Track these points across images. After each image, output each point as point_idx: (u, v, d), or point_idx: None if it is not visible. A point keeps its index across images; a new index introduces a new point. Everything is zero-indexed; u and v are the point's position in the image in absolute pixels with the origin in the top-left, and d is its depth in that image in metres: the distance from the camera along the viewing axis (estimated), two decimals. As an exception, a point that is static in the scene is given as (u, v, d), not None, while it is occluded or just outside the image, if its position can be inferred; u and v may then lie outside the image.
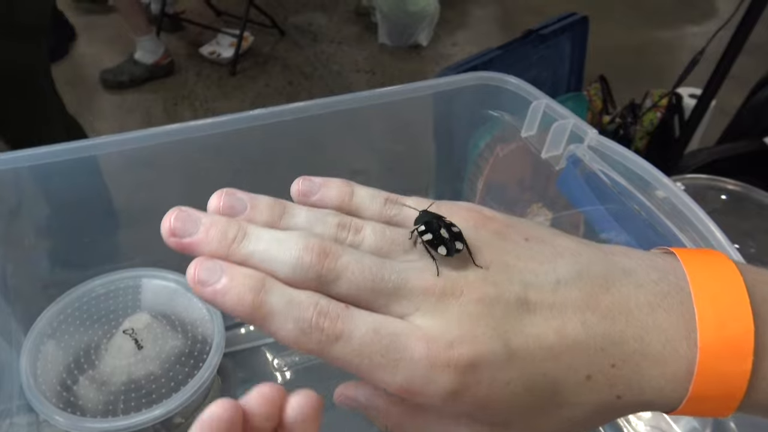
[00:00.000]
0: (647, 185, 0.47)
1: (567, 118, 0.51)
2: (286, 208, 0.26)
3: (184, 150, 0.52)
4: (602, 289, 0.24)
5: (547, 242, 0.26)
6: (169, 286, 0.54)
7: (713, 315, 0.23)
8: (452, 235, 0.25)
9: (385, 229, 0.26)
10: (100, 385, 0.47)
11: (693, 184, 0.99)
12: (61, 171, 0.48)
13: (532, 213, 0.67)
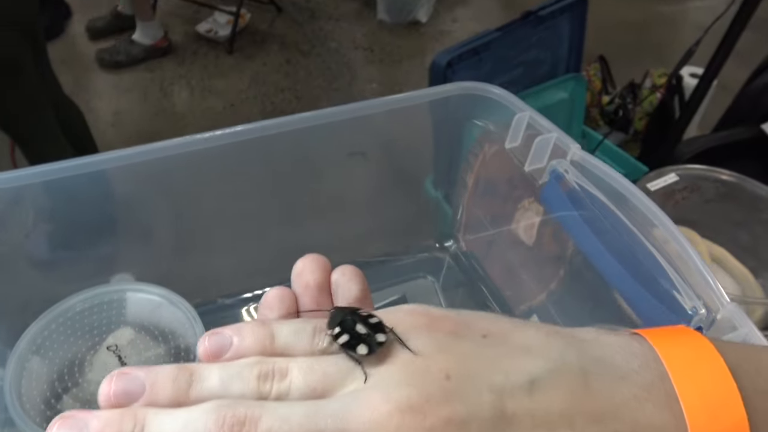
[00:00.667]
0: (627, 202, 0.47)
1: (550, 131, 0.51)
2: (194, 374, 0.22)
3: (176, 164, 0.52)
4: (583, 387, 0.21)
5: (508, 337, 0.23)
6: (153, 300, 0.54)
7: (702, 408, 0.21)
8: (371, 328, 0.22)
9: (314, 363, 0.22)
10: (84, 403, 0.48)
11: (688, 174, 0.98)
12: (54, 187, 0.48)
13: (523, 208, 0.67)
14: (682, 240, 0.42)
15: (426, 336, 0.22)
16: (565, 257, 0.63)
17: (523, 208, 0.67)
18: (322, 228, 0.67)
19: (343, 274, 0.29)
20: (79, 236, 0.54)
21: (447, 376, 0.21)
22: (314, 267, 0.28)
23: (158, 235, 0.59)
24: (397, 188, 0.72)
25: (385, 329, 0.23)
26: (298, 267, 0.28)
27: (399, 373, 0.21)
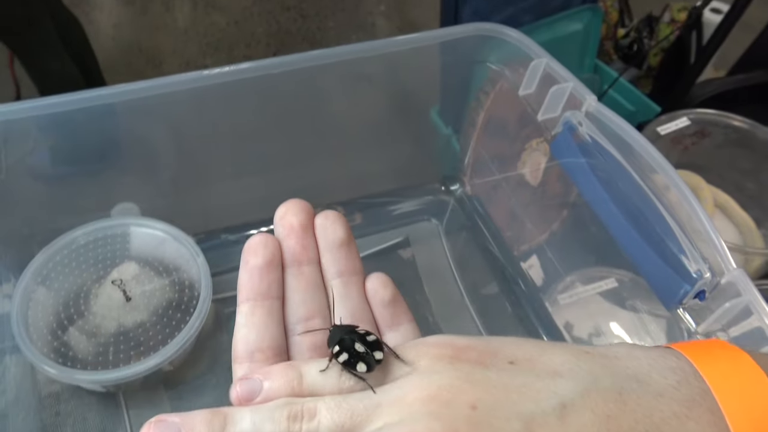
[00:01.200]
0: (641, 159, 0.46)
1: (567, 81, 0.49)
2: (227, 417, 0.23)
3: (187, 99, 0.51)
4: (618, 407, 0.21)
5: (536, 362, 0.23)
6: (157, 235, 0.54)
7: (749, 424, 0.20)
8: (369, 346, 0.23)
9: (341, 401, 0.23)
10: (90, 336, 0.49)
11: (700, 119, 0.96)
12: (62, 118, 0.47)
13: (530, 149, 0.66)
14: (696, 207, 0.41)
15: (451, 367, 0.22)
16: (569, 199, 0.62)
17: (530, 148, 0.66)
18: (326, 166, 0.67)
19: (327, 217, 0.29)
20: (82, 163, 0.53)
21: (473, 407, 0.20)
22: (297, 209, 0.28)
23: (162, 169, 0.59)
24: (403, 122, 0.71)
25: (382, 347, 0.23)
26: (280, 211, 0.28)
27: (425, 407, 0.21)
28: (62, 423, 0.50)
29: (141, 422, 0.50)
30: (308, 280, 0.27)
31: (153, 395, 0.51)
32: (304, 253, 0.27)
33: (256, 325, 0.25)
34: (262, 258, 0.26)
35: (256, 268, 0.26)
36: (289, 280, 0.27)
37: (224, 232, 0.63)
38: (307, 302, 0.27)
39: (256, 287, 0.26)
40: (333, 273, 0.27)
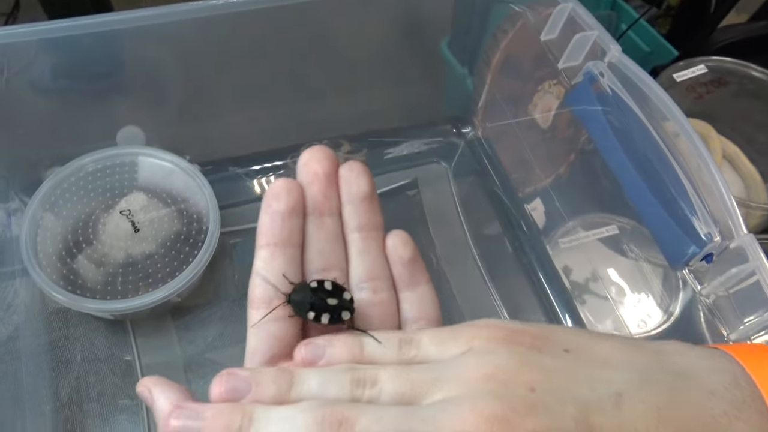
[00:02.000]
0: (661, 116, 0.45)
1: (592, 29, 0.47)
2: (294, 377, 0.23)
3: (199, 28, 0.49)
4: (669, 401, 0.21)
5: (591, 351, 0.23)
6: (165, 166, 0.53)
7: None
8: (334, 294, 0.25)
9: (402, 371, 0.23)
10: (98, 264, 0.49)
11: (718, 67, 0.94)
12: (67, 42, 0.46)
13: (543, 90, 0.65)
14: (717, 178, 0.40)
15: (506, 349, 0.22)
16: (578, 144, 0.62)
17: (543, 90, 0.65)
18: (333, 98, 0.66)
19: (351, 169, 0.28)
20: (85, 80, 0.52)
21: (531, 389, 0.21)
22: (321, 156, 0.27)
23: (168, 96, 0.58)
24: (412, 54, 0.69)
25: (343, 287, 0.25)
26: (304, 157, 0.28)
27: (484, 385, 0.21)
28: (71, 346, 0.51)
29: (148, 349, 0.52)
30: (328, 232, 0.27)
31: (160, 324, 0.52)
32: (326, 204, 0.27)
33: (275, 271, 0.25)
34: (285, 204, 0.26)
35: (279, 213, 0.25)
36: (310, 229, 0.26)
37: (230, 163, 0.62)
38: (325, 253, 0.26)
39: (278, 233, 0.25)
40: (353, 226, 0.27)
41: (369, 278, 0.26)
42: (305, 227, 0.27)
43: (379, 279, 0.27)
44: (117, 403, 0.49)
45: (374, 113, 0.70)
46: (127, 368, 0.51)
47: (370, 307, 0.26)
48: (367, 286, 0.26)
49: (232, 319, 0.54)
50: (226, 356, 0.52)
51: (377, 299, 0.26)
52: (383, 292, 0.26)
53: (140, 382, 0.24)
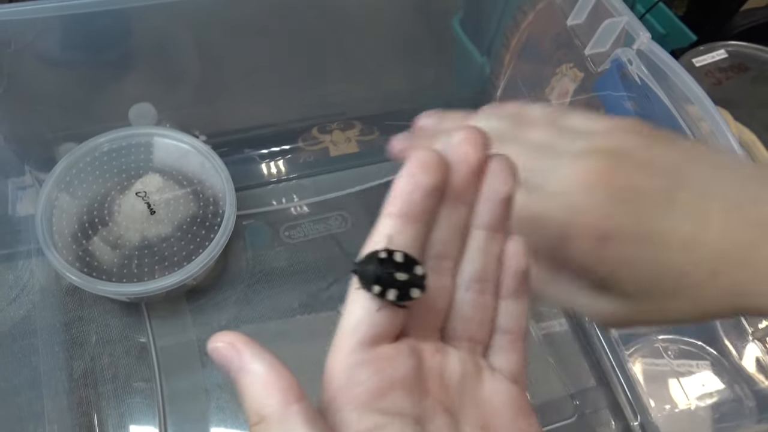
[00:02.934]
0: (688, 104, 0.44)
1: (621, 15, 0.46)
2: None
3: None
4: (751, 202, 0.25)
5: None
6: (180, 147, 0.53)
7: None
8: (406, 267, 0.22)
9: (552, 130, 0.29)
10: (113, 246, 0.49)
11: (738, 52, 0.93)
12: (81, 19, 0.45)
13: (560, 74, 0.64)
14: (728, 133, 0.40)
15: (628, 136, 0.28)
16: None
17: (560, 73, 0.64)
18: (348, 81, 0.65)
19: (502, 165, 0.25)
20: (93, 67, 0.51)
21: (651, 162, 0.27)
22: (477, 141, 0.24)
23: (183, 78, 0.57)
24: (424, 29, 0.67)
25: (416, 260, 0.22)
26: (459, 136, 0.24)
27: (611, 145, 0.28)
28: (85, 327, 0.51)
29: (163, 332, 0.51)
30: (457, 220, 0.25)
31: (175, 307, 0.52)
32: (466, 192, 0.24)
33: (398, 245, 0.23)
34: (432, 179, 0.23)
35: (422, 187, 0.23)
36: (441, 212, 0.24)
37: (241, 144, 0.61)
38: (446, 241, 0.24)
39: (413, 207, 0.23)
40: (482, 223, 0.25)
41: (479, 279, 0.25)
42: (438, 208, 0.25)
43: (488, 282, 0.25)
44: (131, 386, 0.49)
45: (387, 94, 0.69)
46: (142, 350, 0.50)
47: (472, 308, 0.25)
48: (475, 287, 0.25)
49: (247, 302, 0.53)
50: (240, 340, 0.52)
51: (480, 302, 0.25)
52: (488, 296, 0.25)
53: (219, 337, 0.21)
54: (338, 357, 0.22)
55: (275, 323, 0.53)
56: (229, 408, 0.49)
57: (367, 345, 0.22)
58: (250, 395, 0.20)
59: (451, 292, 0.25)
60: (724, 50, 0.93)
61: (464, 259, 0.25)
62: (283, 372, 0.20)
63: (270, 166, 0.62)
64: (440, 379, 0.23)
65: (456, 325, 0.25)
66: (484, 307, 0.25)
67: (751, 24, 1.07)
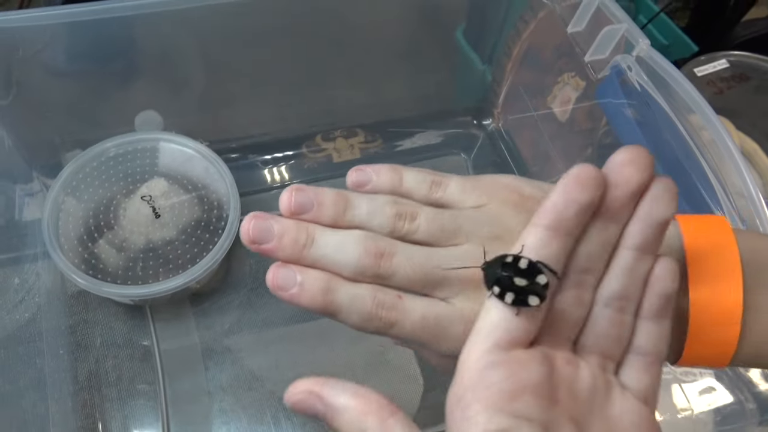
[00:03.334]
0: (689, 112, 0.45)
1: (621, 22, 0.47)
2: (348, 201, 0.28)
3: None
4: None
5: None
6: (185, 152, 0.53)
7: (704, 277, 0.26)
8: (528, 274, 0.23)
9: (436, 214, 0.28)
10: (119, 249, 0.49)
11: (740, 62, 0.93)
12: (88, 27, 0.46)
13: (562, 82, 0.64)
14: (729, 142, 0.40)
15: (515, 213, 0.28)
16: (596, 137, 0.61)
17: (562, 82, 0.64)
18: (351, 89, 0.65)
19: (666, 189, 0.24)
20: (100, 74, 0.52)
21: None
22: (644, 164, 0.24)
23: (188, 86, 0.57)
24: (428, 39, 0.68)
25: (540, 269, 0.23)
26: (626, 155, 0.24)
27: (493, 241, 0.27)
28: (90, 330, 0.52)
29: (166, 335, 0.52)
30: (606, 238, 0.25)
31: (179, 310, 0.52)
32: (621, 214, 0.24)
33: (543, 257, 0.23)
34: (588, 197, 0.23)
35: (576, 203, 0.23)
36: (592, 227, 0.24)
37: (245, 151, 0.62)
38: (593, 257, 0.24)
39: (565, 222, 0.23)
40: (632, 244, 0.25)
41: (621, 297, 0.25)
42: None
43: (630, 301, 0.25)
44: (135, 388, 0.49)
45: (390, 102, 0.70)
46: (146, 353, 0.51)
47: (609, 324, 0.25)
48: (615, 305, 0.25)
49: (249, 306, 0.54)
50: (243, 343, 0.52)
51: (618, 319, 0.25)
52: (627, 315, 0.25)
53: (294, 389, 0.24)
54: (472, 356, 0.23)
55: (278, 327, 0.53)
56: (231, 410, 0.49)
57: (502, 348, 0.22)
58: (347, 428, 0.22)
59: (590, 306, 0.25)
60: (726, 60, 0.93)
61: (608, 276, 0.25)
62: (369, 394, 0.23)
63: (273, 172, 0.63)
64: (570, 390, 0.23)
65: (590, 339, 0.25)
66: (622, 325, 0.25)
67: (753, 34, 1.08)
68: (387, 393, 0.23)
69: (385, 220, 0.27)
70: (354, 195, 0.28)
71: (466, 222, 0.28)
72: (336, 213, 0.28)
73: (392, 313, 0.26)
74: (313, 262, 0.26)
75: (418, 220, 0.28)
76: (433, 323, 0.26)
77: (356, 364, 0.52)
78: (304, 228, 0.27)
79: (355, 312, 0.26)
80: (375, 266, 0.26)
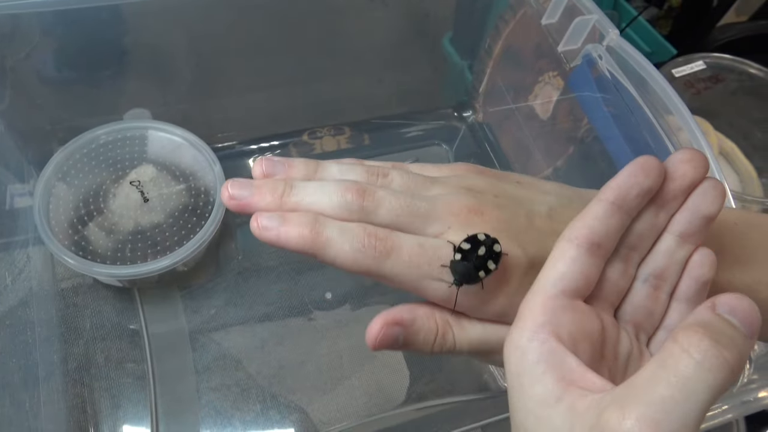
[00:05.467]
0: (656, 98, 0.47)
1: (591, 13, 0.49)
2: (318, 164, 0.29)
3: None
4: None
5: (535, 185, 0.30)
6: (174, 140, 0.55)
7: None
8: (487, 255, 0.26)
9: (407, 173, 0.29)
10: (108, 232, 0.50)
11: (716, 64, 0.96)
12: (76, 16, 0.47)
13: (543, 82, 0.66)
14: (699, 136, 0.42)
15: (478, 177, 0.30)
16: (577, 135, 0.63)
17: (543, 81, 0.66)
18: (337, 84, 0.67)
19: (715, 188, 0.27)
20: (92, 65, 0.54)
21: (496, 196, 0.28)
22: (699, 164, 0.27)
23: (177, 77, 0.59)
24: (416, 47, 0.70)
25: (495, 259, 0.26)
26: (686, 155, 0.27)
27: (466, 192, 0.28)
28: (80, 314, 0.53)
29: (155, 318, 0.53)
30: (655, 224, 0.27)
31: (167, 293, 0.54)
32: (672, 203, 0.27)
33: (609, 223, 0.26)
34: (650, 182, 0.26)
35: (638, 186, 0.26)
36: (645, 212, 0.27)
37: (239, 142, 0.64)
38: (641, 237, 0.27)
39: (626, 200, 0.26)
40: (677, 230, 0.27)
41: (658, 276, 0.27)
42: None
43: (665, 281, 0.27)
44: (124, 367, 0.50)
45: (377, 100, 0.71)
46: (134, 335, 0.52)
47: (645, 298, 0.27)
48: (653, 282, 0.27)
49: (236, 289, 0.55)
50: (229, 325, 0.53)
51: (654, 296, 0.27)
52: (663, 293, 0.27)
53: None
54: (540, 299, 0.25)
55: (264, 310, 0.54)
56: (218, 389, 0.50)
57: (568, 295, 0.25)
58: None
59: (632, 281, 0.27)
60: (702, 61, 0.96)
61: (651, 255, 0.27)
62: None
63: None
64: (614, 349, 0.25)
65: (627, 308, 0.27)
66: (656, 301, 0.27)
67: (729, 38, 1.11)
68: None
69: (359, 176, 0.28)
70: (324, 161, 0.29)
71: (438, 180, 0.29)
72: (307, 173, 0.29)
73: (387, 242, 0.26)
74: (295, 205, 0.27)
75: (390, 176, 0.29)
76: (431, 251, 0.26)
77: (342, 348, 0.53)
78: (281, 180, 0.28)
79: (348, 242, 0.25)
80: (359, 200, 0.26)
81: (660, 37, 1.17)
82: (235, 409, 0.50)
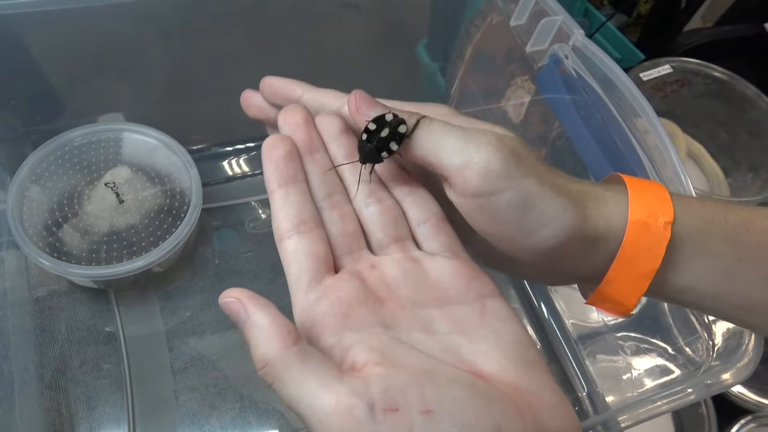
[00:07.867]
0: (618, 92, 0.48)
1: (557, 14, 0.50)
2: None
3: None
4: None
5: None
6: (149, 142, 0.55)
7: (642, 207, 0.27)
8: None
9: None
10: (83, 233, 0.50)
11: (682, 68, 0.99)
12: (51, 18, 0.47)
13: (515, 85, 0.68)
14: (664, 137, 0.44)
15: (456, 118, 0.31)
16: (549, 138, 0.65)
17: (515, 85, 0.68)
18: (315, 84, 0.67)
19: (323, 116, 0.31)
20: (66, 67, 0.54)
21: None
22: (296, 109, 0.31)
23: (151, 79, 0.59)
24: (390, 50, 0.71)
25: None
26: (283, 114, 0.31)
27: None
28: (55, 317, 0.53)
29: (131, 320, 0.53)
30: (321, 165, 0.30)
31: (142, 295, 0.54)
32: (313, 143, 0.30)
33: (294, 203, 0.28)
34: (282, 150, 0.28)
35: (281, 157, 0.28)
36: (307, 167, 0.29)
37: (214, 144, 0.64)
38: (326, 182, 0.29)
39: (284, 174, 0.28)
40: (341, 158, 0.30)
41: (370, 194, 0.29)
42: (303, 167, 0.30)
43: (379, 191, 0.30)
44: (100, 369, 0.50)
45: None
46: (110, 337, 0.52)
47: (380, 215, 0.29)
48: (372, 201, 0.29)
49: (212, 290, 0.55)
50: (206, 324, 0.54)
51: (384, 206, 0.29)
52: (387, 200, 0.29)
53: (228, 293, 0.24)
54: (298, 305, 0.26)
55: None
56: (195, 388, 0.50)
57: (314, 284, 0.26)
58: (254, 343, 0.23)
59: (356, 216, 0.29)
60: (669, 65, 0.99)
61: (348, 185, 0.30)
62: (282, 321, 0.23)
63: (233, 165, 0.65)
64: (386, 285, 0.27)
65: (377, 235, 0.29)
66: (389, 210, 0.29)
67: (694, 44, 1.14)
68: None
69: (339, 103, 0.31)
70: None
71: None
72: None
73: None
74: None
75: None
76: None
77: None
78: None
79: None
80: None
81: (629, 43, 1.20)
82: (212, 408, 0.50)
